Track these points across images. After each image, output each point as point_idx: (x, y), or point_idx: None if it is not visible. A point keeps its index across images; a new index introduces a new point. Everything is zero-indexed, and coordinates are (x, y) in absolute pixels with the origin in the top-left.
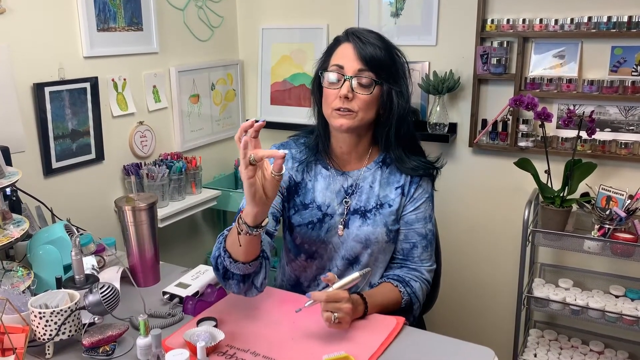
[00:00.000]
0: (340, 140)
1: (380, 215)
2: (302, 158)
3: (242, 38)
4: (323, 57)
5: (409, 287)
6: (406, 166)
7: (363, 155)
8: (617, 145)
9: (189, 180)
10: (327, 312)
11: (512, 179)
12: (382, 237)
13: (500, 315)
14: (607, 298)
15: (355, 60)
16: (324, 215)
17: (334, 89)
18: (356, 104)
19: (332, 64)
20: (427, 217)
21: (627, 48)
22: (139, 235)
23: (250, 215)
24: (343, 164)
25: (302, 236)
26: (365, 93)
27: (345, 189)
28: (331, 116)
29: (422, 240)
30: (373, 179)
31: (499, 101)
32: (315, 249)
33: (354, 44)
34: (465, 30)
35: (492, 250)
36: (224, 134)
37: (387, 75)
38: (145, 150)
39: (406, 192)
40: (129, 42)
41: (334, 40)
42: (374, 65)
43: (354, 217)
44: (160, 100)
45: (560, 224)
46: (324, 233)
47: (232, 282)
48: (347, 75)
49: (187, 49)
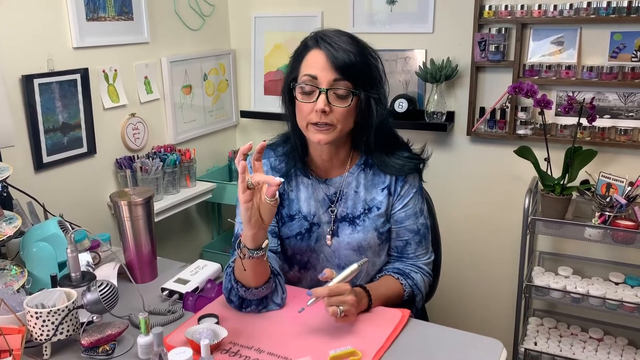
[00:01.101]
0: (319, 150)
1: (369, 220)
2: (282, 169)
3: (234, 27)
4: (291, 63)
5: (410, 279)
6: (390, 168)
7: (344, 161)
8: (617, 132)
9: (183, 173)
10: (331, 306)
11: (510, 168)
12: (374, 241)
13: (499, 305)
14: (607, 285)
15: (328, 69)
16: (311, 225)
17: (308, 102)
18: (334, 116)
19: (304, 74)
20: (417, 212)
21: (626, 34)
22: (135, 230)
23: (248, 238)
24: (324, 172)
25: (293, 248)
26: (343, 105)
27: (330, 197)
28: (308, 130)
29: (414, 237)
30: (357, 183)
31: (497, 89)
32: (307, 259)
33: (326, 52)
34: (463, 17)
35: (490, 239)
36: (217, 125)
37: (363, 83)
38: (138, 143)
39: (393, 191)
40: (119, 32)
41: (302, 45)
42: (350, 73)
43: (342, 225)
44: (152, 92)
45: (560, 212)
46: (314, 242)
47: (251, 308)
48: (322, 88)
49: (179, 39)
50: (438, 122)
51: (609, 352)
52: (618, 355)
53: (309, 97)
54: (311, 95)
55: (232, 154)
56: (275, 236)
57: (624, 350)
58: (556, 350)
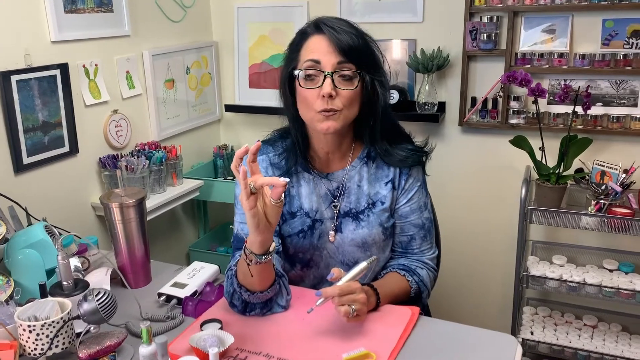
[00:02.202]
0: (322, 141)
1: (373, 215)
2: (283, 165)
3: (216, 18)
4: (289, 54)
5: (416, 275)
6: (394, 159)
7: (346, 153)
8: (609, 120)
9: (169, 171)
10: (343, 306)
11: (503, 157)
12: (379, 237)
13: (492, 295)
14: (602, 273)
15: (332, 52)
16: (313, 222)
17: (312, 88)
18: (340, 101)
19: (306, 60)
20: (421, 206)
21: (618, 21)
22: (127, 233)
23: (255, 243)
24: (326, 165)
25: (295, 246)
26: (349, 88)
27: (332, 192)
28: (314, 120)
29: (419, 231)
30: (360, 177)
31: (489, 78)
32: (310, 257)
33: (329, 35)
34: (453, 5)
35: (483, 229)
36: (200, 120)
37: (367, 65)
38: (121, 140)
39: (397, 185)
40: (99, 25)
41: (300, 35)
42: (354, 55)
43: (346, 221)
44: (134, 87)
45: (556, 201)
46: (317, 240)
47: (255, 311)
48: (327, 71)
49: (160, 31)
50: (430, 113)
51: (604, 338)
52: (613, 341)
53: (312, 82)
54: (315, 81)
55: (217, 149)
56: (277, 235)
57: (619, 336)
58: (553, 339)
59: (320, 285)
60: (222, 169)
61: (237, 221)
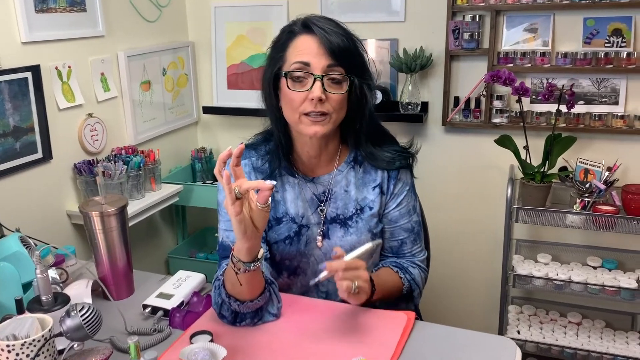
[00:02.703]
0: (308, 145)
1: (362, 220)
2: (266, 168)
3: (192, 18)
4: (274, 53)
5: (408, 273)
6: (380, 162)
7: (333, 156)
8: (591, 118)
9: (147, 176)
10: (346, 280)
11: (487, 157)
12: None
13: (478, 294)
14: (586, 270)
15: (322, 55)
16: (300, 227)
17: (301, 91)
18: (329, 104)
19: (294, 62)
20: (410, 210)
21: (599, 19)
22: (109, 243)
23: (243, 251)
24: (311, 169)
25: (281, 253)
26: (339, 92)
27: (318, 197)
28: (300, 122)
29: (410, 235)
30: (347, 181)
31: (471, 77)
32: (297, 264)
33: (320, 36)
34: (434, 4)
35: (467, 229)
36: (177, 123)
37: (356, 68)
38: (97, 145)
39: (385, 190)
40: (72, 25)
41: (287, 33)
42: (344, 58)
43: (333, 227)
44: (109, 89)
45: (541, 200)
46: (304, 246)
47: (246, 321)
48: (317, 74)
49: (135, 32)
50: (414, 114)
51: (589, 335)
52: (598, 338)
53: (300, 85)
54: (303, 83)
55: (195, 152)
56: (263, 241)
57: (603, 332)
58: (539, 337)
59: (308, 294)
60: (201, 172)
61: (221, 229)
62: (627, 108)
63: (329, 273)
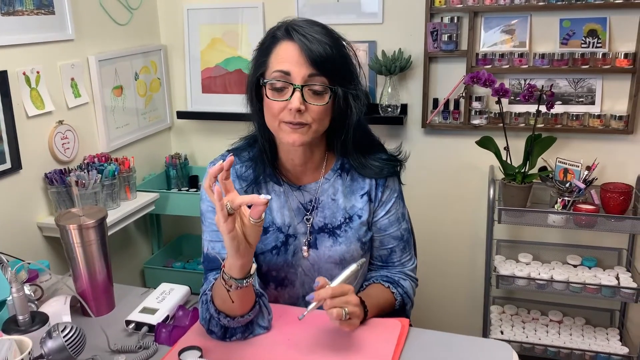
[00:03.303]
0: (292, 153)
1: (351, 230)
2: (250, 176)
3: (164, 20)
4: (258, 57)
5: (400, 287)
6: (368, 170)
7: (319, 164)
8: (569, 118)
9: (122, 185)
10: (335, 308)
11: (466, 158)
12: (357, 252)
13: (460, 295)
14: (567, 269)
15: (303, 64)
16: (287, 237)
17: (280, 101)
18: (309, 115)
19: (275, 70)
20: (399, 217)
21: (574, 20)
22: (88, 256)
23: (235, 268)
24: (297, 177)
25: (268, 263)
26: (320, 103)
27: (304, 206)
28: (280, 130)
29: (399, 244)
30: (334, 190)
31: (450, 79)
32: (284, 275)
33: (299, 44)
34: (412, 6)
35: (447, 230)
36: (150, 128)
37: (340, 78)
38: (68, 153)
39: (374, 198)
40: (39, 28)
41: (270, 37)
42: (326, 68)
43: (321, 237)
44: (80, 95)
45: (522, 200)
46: (291, 256)
47: (236, 336)
48: (297, 84)
49: (106, 35)
50: (394, 116)
51: (571, 333)
52: (579, 335)
53: (280, 94)
54: (283, 92)
55: (169, 159)
56: None
57: (584, 329)
58: (523, 337)
59: (296, 305)
60: (176, 179)
61: (205, 239)
62: (603, 107)
63: (317, 303)
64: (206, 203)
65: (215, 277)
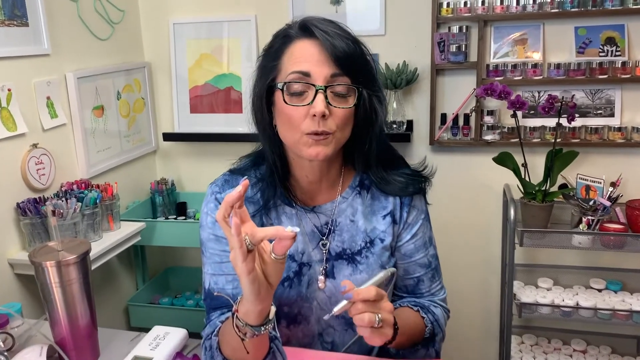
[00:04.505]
0: (307, 169)
1: (373, 255)
2: (258, 199)
3: (147, 35)
4: (266, 62)
5: (431, 313)
6: (392, 187)
7: (335, 181)
8: (587, 131)
9: (104, 214)
10: (367, 313)
11: (477, 177)
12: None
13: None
14: (592, 294)
15: (324, 63)
16: (300, 266)
17: (300, 106)
18: (333, 122)
19: (291, 71)
20: (426, 242)
21: (590, 28)
22: (68, 298)
23: (253, 314)
24: (311, 197)
25: (279, 298)
26: (344, 106)
27: (319, 229)
28: (301, 143)
29: (427, 272)
30: (353, 210)
31: (458, 93)
32: (297, 311)
33: (322, 40)
34: (417, 16)
35: (459, 255)
36: (134, 152)
37: (364, 78)
38: (44, 180)
39: (398, 219)
40: (11, 41)
41: (281, 38)
42: (350, 67)
43: (339, 264)
44: (57, 116)
45: (543, 221)
46: (305, 288)
47: None
48: (319, 85)
49: (86, 50)
50: (400, 133)
51: None
52: None
53: (300, 99)
54: (303, 97)
55: (155, 185)
56: None
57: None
58: None
59: (310, 346)
60: (162, 207)
61: (207, 273)
62: (623, 120)
63: (348, 302)
64: (207, 231)
65: (221, 319)
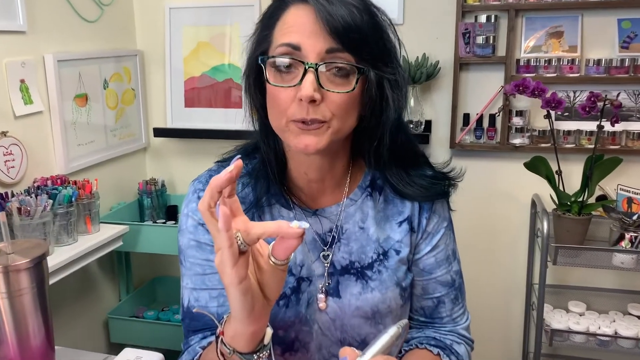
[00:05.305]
0: (305, 164)
1: (387, 270)
2: (249, 196)
3: (140, 20)
4: (259, 31)
5: (454, 354)
6: (412, 190)
7: (341, 180)
8: (628, 137)
9: (81, 215)
10: None
11: (503, 185)
12: (395, 302)
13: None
14: (632, 321)
15: (318, 34)
16: (298, 282)
17: (286, 87)
18: (328, 108)
19: (280, 44)
20: (449, 255)
21: (636, 20)
22: (17, 312)
23: (243, 337)
24: (312, 198)
25: (273, 319)
26: (343, 89)
27: (322, 237)
28: (287, 131)
29: (449, 292)
30: (363, 215)
31: (483, 91)
32: (294, 336)
33: (316, 6)
34: (439, 3)
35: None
36: (121, 148)
37: (373, 57)
38: (13, 174)
39: (416, 226)
40: None
41: (276, 3)
42: (353, 39)
43: (346, 280)
44: (32, 102)
45: (579, 236)
46: (305, 309)
47: None
48: (309, 62)
49: (69, 31)
50: (418, 133)
51: None
52: None
53: (287, 78)
54: (291, 75)
55: (143, 185)
56: None
57: None
58: None
59: None
60: (150, 210)
61: (186, 287)
62: None
63: None
64: (187, 236)
65: (202, 345)
